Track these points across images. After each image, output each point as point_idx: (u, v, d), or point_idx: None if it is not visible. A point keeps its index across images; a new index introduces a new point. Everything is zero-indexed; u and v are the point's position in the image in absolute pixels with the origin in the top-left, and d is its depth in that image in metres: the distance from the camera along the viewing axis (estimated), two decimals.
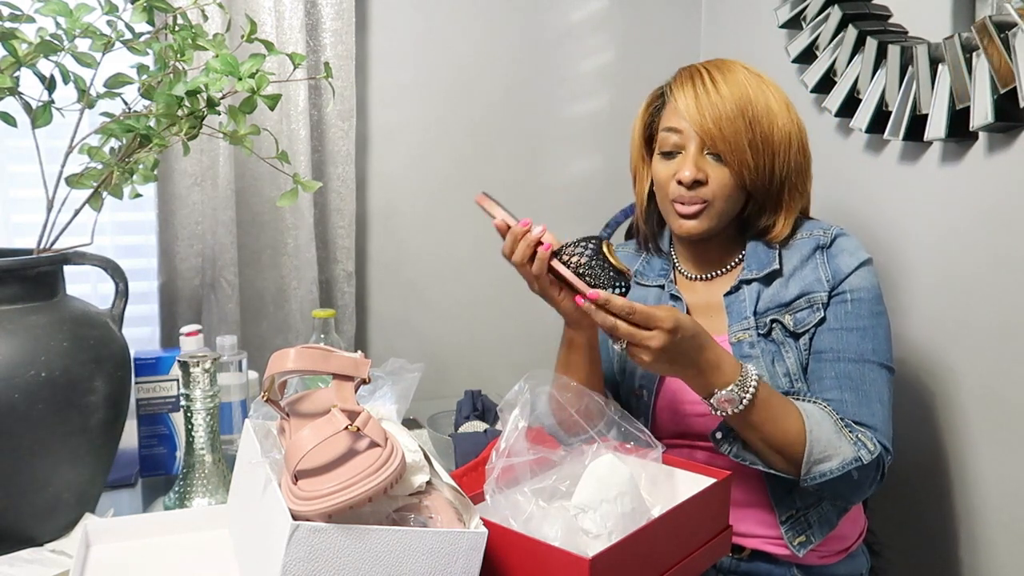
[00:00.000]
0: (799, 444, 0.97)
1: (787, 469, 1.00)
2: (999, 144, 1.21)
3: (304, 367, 0.77)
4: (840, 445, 0.99)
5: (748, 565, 1.11)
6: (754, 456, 1.01)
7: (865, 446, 1.00)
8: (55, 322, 0.95)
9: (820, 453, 0.97)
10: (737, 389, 0.95)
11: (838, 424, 1.00)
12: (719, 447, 1.02)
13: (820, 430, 0.98)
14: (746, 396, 0.95)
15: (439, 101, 1.84)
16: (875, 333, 1.06)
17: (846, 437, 1.00)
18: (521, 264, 0.99)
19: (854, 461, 0.98)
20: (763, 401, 0.96)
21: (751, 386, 0.95)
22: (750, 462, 1.01)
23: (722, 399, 0.94)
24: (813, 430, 0.98)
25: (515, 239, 0.98)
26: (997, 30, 1.13)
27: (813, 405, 1.02)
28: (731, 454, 1.02)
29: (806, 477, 0.98)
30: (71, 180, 1.02)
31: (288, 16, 1.60)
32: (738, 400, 0.95)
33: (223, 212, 1.59)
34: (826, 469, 0.98)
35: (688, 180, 1.05)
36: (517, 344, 1.88)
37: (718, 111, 1.04)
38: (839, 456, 0.98)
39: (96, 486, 1.03)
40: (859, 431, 1.01)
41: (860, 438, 1.00)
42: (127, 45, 1.00)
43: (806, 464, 0.97)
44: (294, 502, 0.68)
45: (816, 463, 0.98)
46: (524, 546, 0.75)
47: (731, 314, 1.11)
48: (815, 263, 1.09)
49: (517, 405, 0.84)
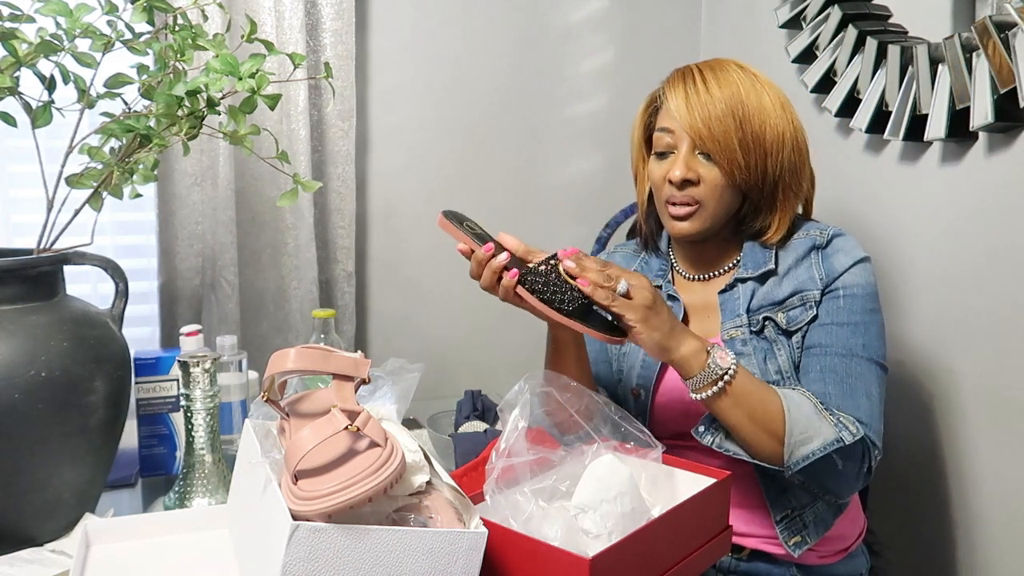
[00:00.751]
0: (779, 422, 0.97)
1: (770, 455, 0.98)
2: (999, 144, 1.21)
3: (304, 367, 0.77)
4: (821, 426, 0.98)
5: (748, 565, 1.11)
6: (736, 446, 1.01)
7: (847, 428, 0.98)
8: (55, 322, 0.95)
9: (801, 434, 0.97)
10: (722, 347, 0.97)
11: (818, 407, 1.00)
12: (702, 439, 1.02)
13: (799, 411, 0.98)
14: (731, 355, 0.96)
15: (439, 101, 1.84)
16: (867, 329, 1.06)
17: (826, 419, 0.99)
18: (487, 289, 0.98)
19: (836, 442, 0.97)
20: (744, 370, 0.98)
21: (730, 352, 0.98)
22: (733, 452, 1.01)
23: (719, 351, 0.96)
24: (791, 410, 0.97)
25: (479, 264, 0.98)
26: (997, 30, 1.13)
27: (790, 389, 1.02)
28: (714, 444, 1.02)
29: (789, 463, 0.97)
30: (71, 180, 1.02)
31: (288, 16, 1.60)
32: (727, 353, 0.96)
33: (223, 212, 1.59)
34: (808, 451, 0.97)
35: (678, 179, 1.06)
36: (517, 344, 1.88)
37: (707, 111, 1.04)
38: (820, 437, 0.97)
39: (96, 486, 1.03)
40: (840, 415, 1.00)
41: (842, 420, 0.99)
42: (127, 45, 1.00)
43: (788, 447, 0.97)
44: (294, 502, 0.68)
45: (798, 445, 0.97)
46: (524, 546, 0.75)
47: (724, 311, 1.11)
48: (810, 262, 1.09)
49: (517, 405, 0.84)
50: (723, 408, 0.97)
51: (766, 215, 1.11)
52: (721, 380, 0.95)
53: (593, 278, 0.92)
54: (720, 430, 1.02)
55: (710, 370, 0.95)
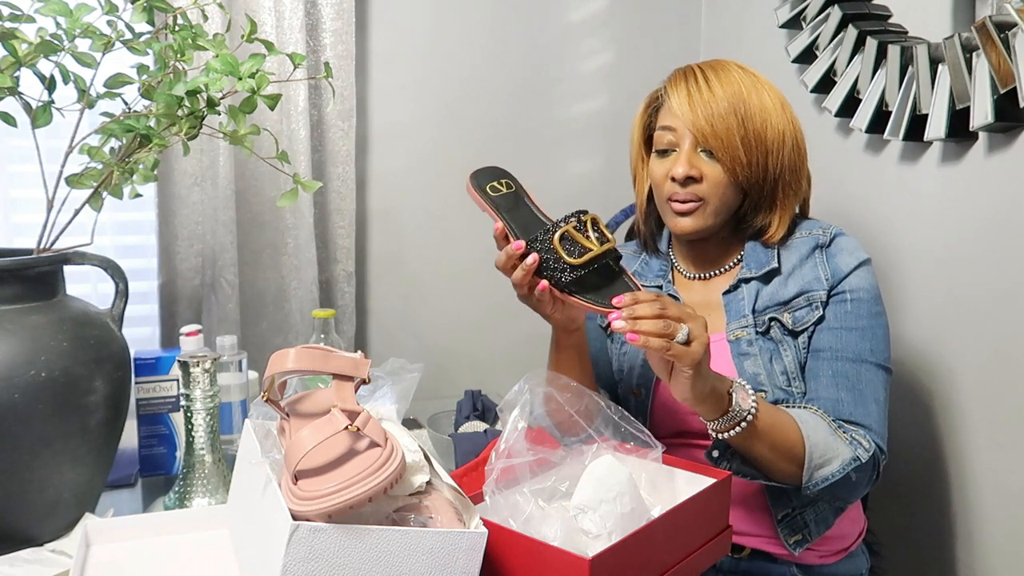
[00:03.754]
0: (799, 448, 0.97)
1: (789, 478, 0.99)
2: (999, 144, 1.21)
3: (304, 367, 0.77)
4: (838, 447, 0.99)
5: (748, 564, 1.11)
6: (754, 470, 1.00)
7: (861, 444, 1.00)
8: (55, 322, 0.95)
9: (820, 458, 0.97)
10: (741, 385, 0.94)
11: (832, 426, 1.01)
12: (717, 464, 1.00)
13: (817, 435, 0.98)
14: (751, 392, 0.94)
15: (439, 101, 1.84)
16: (873, 333, 1.06)
17: (842, 438, 1.00)
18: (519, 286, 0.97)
19: (853, 461, 0.98)
20: (763, 409, 0.96)
21: (749, 387, 0.95)
22: (751, 476, 1.00)
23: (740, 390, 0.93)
24: (810, 436, 0.98)
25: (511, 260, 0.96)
26: (997, 30, 1.13)
27: (804, 411, 1.02)
28: (732, 470, 1.00)
29: (808, 484, 0.98)
30: (71, 180, 1.02)
31: (288, 16, 1.60)
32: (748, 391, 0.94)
33: (223, 212, 1.59)
34: (827, 473, 0.98)
35: (681, 176, 1.06)
36: (517, 344, 1.88)
37: (710, 108, 1.05)
38: (838, 459, 0.98)
39: (96, 486, 1.03)
40: (853, 431, 1.01)
41: (855, 437, 1.01)
42: (127, 45, 1.00)
43: (807, 471, 0.97)
44: (294, 502, 0.68)
45: (817, 468, 0.98)
46: (524, 546, 0.75)
47: (729, 312, 1.12)
48: (814, 262, 1.09)
49: (517, 405, 0.84)
50: (744, 444, 0.97)
51: (766, 213, 1.11)
52: (744, 421, 0.93)
53: (647, 329, 0.84)
54: (736, 456, 1.00)
55: (733, 414, 0.93)
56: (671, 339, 0.84)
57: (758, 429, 0.95)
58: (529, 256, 0.94)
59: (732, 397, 0.92)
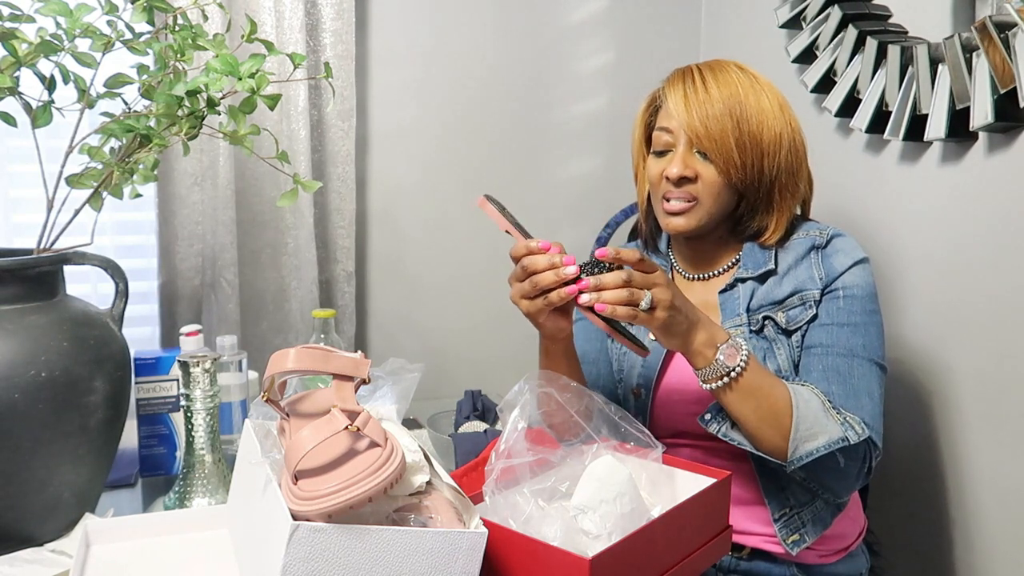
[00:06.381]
0: (786, 417, 0.97)
1: (774, 448, 0.99)
2: (999, 144, 1.21)
3: (304, 367, 0.77)
4: (827, 424, 0.98)
5: (748, 564, 1.11)
6: (742, 436, 1.01)
7: (852, 428, 0.99)
8: (55, 322, 0.95)
9: (807, 431, 0.97)
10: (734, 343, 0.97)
11: (826, 405, 1.00)
12: (708, 426, 1.03)
13: (807, 408, 0.98)
14: (743, 351, 0.96)
15: (439, 101, 1.84)
16: (867, 330, 1.06)
17: (833, 417, 0.99)
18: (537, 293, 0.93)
19: (841, 441, 0.98)
20: (755, 364, 0.98)
21: (743, 347, 0.97)
22: (738, 442, 1.01)
23: (728, 348, 0.96)
24: (800, 406, 0.98)
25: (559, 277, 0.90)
26: (997, 30, 1.13)
27: (802, 387, 1.02)
28: (720, 433, 1.02)
29: (792, 457, 0.98)
30: (71, 180, 1.02)
31: (288, 16, 1.60)
32: (739, 350, 0.96)
33: (223, 212, 1.59)
34: (812, 448, 0.97)
35: (675, 176, 1.06)
36: (517, 344, 1.88)
37: (705, 110, 1.05)
38: (825, 434, 0.98)
39: (96, 486, 1.03)
40: (847, 413, 1.01)
41: (848, 420, 1.00)
42: (127, 45, 1.00)
43: (792, 441, 0.97)
44: (294, 502, 0.68)
45: (803, 441, 0.97)
46: (524, 546, 0.75)
47: (724, 311, 1.12)
48: (809, 262, 1.10)
49: (517, 405, 0.84)
50: (730, 400, 0.98)
51: (763, 215, 1.11)
52: (728, 376, 0.96)
53: (611, 298, 0.88)
54: (726, 419, 1.02)
55: (716, 366, 0.96)
56: (636, 306, 0.89)
57: (743, 386, 0.96)
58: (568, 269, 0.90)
59: (717, 350, 0.96)
